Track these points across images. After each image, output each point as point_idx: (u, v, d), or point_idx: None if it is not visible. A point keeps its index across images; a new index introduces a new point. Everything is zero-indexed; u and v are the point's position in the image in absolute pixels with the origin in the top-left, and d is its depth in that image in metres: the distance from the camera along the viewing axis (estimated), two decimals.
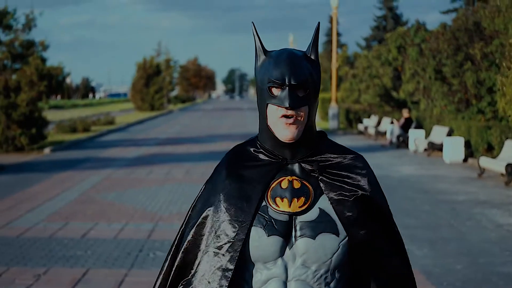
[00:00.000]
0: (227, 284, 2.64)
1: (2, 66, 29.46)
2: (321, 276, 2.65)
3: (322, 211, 2.67)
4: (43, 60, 29.76)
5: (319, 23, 2.82)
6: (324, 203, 2.69)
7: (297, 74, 2.65)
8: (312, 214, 2.66)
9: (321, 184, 2.72)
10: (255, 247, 2.65)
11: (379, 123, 34.21)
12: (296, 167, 2.75)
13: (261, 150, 2.80)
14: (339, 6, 40.04)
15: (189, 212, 2.85)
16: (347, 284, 2.74)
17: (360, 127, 36.05)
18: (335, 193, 2.70)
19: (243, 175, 2.77)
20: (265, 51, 2.80)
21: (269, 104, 2.69)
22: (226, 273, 2.66)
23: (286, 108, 2.62)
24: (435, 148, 24.28)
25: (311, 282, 2.64)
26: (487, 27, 22.19)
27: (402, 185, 16.94)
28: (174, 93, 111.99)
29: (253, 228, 2.66)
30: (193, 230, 2.77)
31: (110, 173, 20.06)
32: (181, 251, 2.78)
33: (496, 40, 21.70)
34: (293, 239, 2.65)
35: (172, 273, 2.78)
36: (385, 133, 31.02)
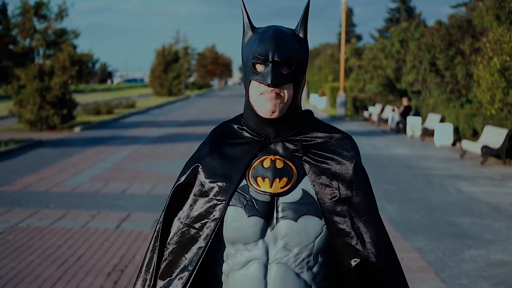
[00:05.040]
0: (198, 261, 2.60)
1: (37, 52, 32.10)
2: (303, 260, 2.57)
3: (305, 193, 2.59)
4: (74, 47, 32.43)
5: (308, 1, 2.75)
6: (307, 184, 2.60)
7: (282, 51, 2.55)
8: (295, 195, 2.58)
9: (305, 165, 2.62)
10: (235, 228, 2.57)
11: (382, 110, 36.49)
12: (279, 146, 2.66)
13: (245, 127, 2.71)
14: None
15: (173, 187, 2.75)
16: (330, 269, 2.66)
17: (365, 114, 38.37)
18: (317, 176, 2.60)
19: (225, 153, 2.68)
20: (252, 28, 2.70)
21: (252, 81, 2.59)
22: (199, 251, 2.60)
23: (268, 84, 2.52)
24: (429, 133, 26.60)
25: (292, 265, 2.56)
26: (477, 24, 24.64)
27: (391, 162, 19.47)
28: (191, 80, 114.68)
29: (233, 208, 2.58)
30: (173, 206, 2.73)
31: (136, 148, 22.77)
32: (160, 224, 2.73)
33: (484, 37, 24.07)
34: (275, 220, 2.56)
35: (157, 244, 2.74)
36: (387, 120, 33.49)
